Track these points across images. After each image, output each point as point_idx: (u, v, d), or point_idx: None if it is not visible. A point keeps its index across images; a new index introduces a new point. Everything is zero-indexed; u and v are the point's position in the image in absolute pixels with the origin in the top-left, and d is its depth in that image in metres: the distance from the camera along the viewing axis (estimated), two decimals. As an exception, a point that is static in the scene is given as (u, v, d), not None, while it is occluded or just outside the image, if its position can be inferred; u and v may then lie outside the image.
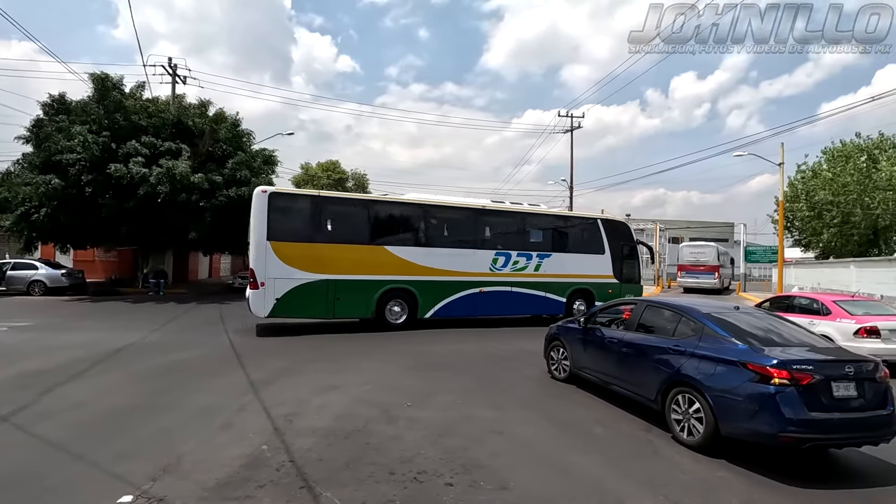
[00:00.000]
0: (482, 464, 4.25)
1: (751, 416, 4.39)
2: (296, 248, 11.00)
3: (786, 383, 4.28)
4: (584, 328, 7.00)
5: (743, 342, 4.84)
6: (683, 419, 4.98)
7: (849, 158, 28.86)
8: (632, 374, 5.89)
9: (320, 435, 4.78)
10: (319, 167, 50.83)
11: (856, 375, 4.46)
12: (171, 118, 19.45)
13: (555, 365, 7.63)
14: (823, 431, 4.28)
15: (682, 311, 5.74)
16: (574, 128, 34.65)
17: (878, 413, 4.44)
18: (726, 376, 4.66)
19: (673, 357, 5.27)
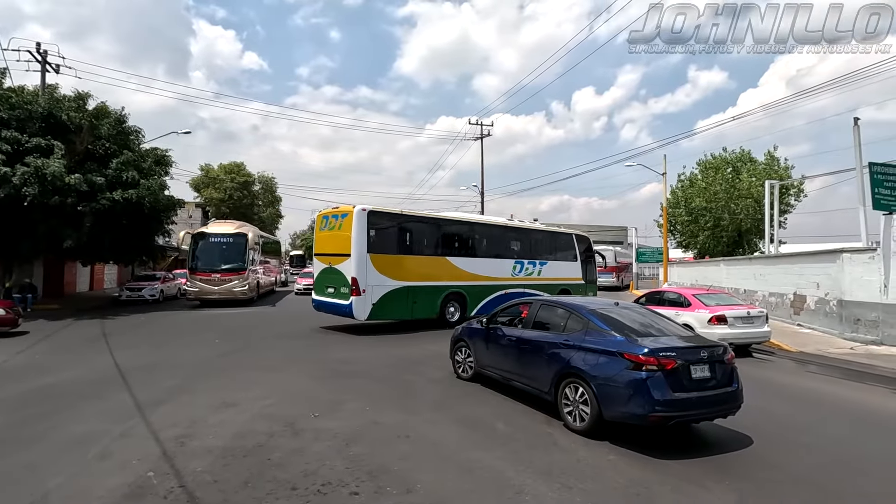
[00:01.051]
0: (389, 469, 4.26)
1: (627, 400, 4.91)
2: (387, 259, 12.69)
3: (654, 369, 4.83)
4: (486, 328, 7.27)
5: (621, 334, 5.36)
6: (573, 407, 5.43)
7: (718, 169, 32.86)
8: (529, 368, 6.26)
9: (216, 455, 4.49)
10: (222, 169, 47.65)
11: (709, 359, 5.15)
12: (39, 111, 17.11)
13: (460, 366, 7.85)
14: (685, 409, 4.88)
15: (570, 308, 6.23)
16: (484, 135, 35.87)
17: (727, 390, 5.17)
18: (608, 366, 5.14)
19: (563, 351, 5.69)
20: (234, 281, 20.14)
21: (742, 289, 19.19)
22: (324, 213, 14.01)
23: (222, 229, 21.69)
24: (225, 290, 19.94)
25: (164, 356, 9.56)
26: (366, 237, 12.11)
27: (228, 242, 20.89)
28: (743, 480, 4.29)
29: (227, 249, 20.67)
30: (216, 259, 20.32)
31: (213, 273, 20.03)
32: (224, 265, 20.21)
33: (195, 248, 20.48)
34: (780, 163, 32.17)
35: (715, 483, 4.20)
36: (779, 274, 16.88)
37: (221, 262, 20.26)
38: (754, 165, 32.33)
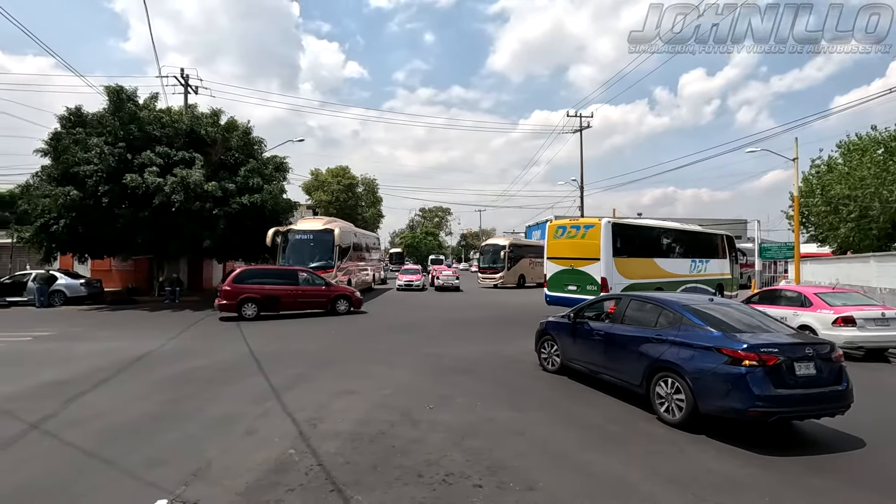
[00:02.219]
0: (507, 465, 4.23)
1: (725, 395, 4.96)
2: (623, 262, 14.61)
3: (755, 364, 4.86)
4: (573, 323, 7.45)
5: (717, 329, 5.42)
6: (666, 400, 5.54)
7: (865, 151, 28.38)
8: (618, 362, 6.43)
9: (345, 439, 4.79)
10: (329, 173, 51.14)
11: (815, 356, 5.09)
12: (184, 128, 19.66)
13: (546, 359, 8.14)
14: (787, 405, 4.86)
15: (662, 303, 6.30)
16: (583, 128, 34.51)
17: (835, 388, 5.08)
18: (703, 360, 5.21)
19: (655, 345, 5.81)
20: None
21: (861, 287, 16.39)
22: (559, 224, 16.47)
23: (309, 225, 21.00)
24: None
25: (287, 345, 10.45)
26: (611, 244, 14.39)
27: (315, 239, 20.15)
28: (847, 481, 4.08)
29: (315, 246, 19.99)
30: (303, 256, 19.64)
31: None
32: (311, 263, 19.28)
33: (284, 246, 19.90)
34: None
35: None
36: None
37: (308, 259, 19.52)
38: (914, 145, 27.42)
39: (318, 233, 20.33)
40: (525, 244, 37.33)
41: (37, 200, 18.20)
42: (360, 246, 24.94)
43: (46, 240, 18.61)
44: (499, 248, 32.25)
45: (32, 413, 5.61)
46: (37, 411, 5.69)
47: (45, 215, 17.96)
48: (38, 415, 5.56)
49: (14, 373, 7.78)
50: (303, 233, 20.38)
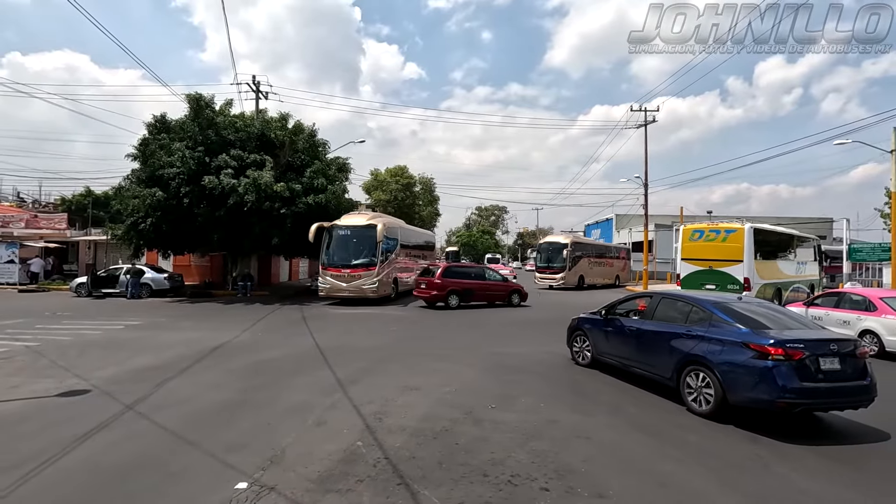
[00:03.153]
0: (574, 469, 4.13)
1: (752, 387, 5.33)
2: (759, 264, 16.61)
3: (781, 359, 5.19)
4: (605, 319, 7.89)
5: (745, 326, 5.76)
6: (696, 392, 5.90)
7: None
8: (650, 356, 6.81)
9: (409, 434, 4.88)
10: (388, 173, 52.25)
11: (839, 352, 5.38)
12: (255, 132, 20.82)
13: (578, 353, 8.59)
14: (812, 397, 5.20)
15: (692, 301, 6.67)
16: (648, 122, 33.03)
17: (859, 383, 5.37)
18: (732, 354, 5.57)
19: (686, 340, 6.19)
20: (364, 277, 18.32)
21: None
22: (696, 228, 18.02)
23: (353, 221, 19.69)
24: (355, 288, 18.31)
25: (351, 340, 10.79)
26: (752, 247, 16.20)
27: (359, 235, 19.00)
28: None
29: (358, 242, 18.93)
30: (346, 253, 18.85)
31: (344, 268, 18.54)
32: (354, 260, 18.59)
33: (328, 241, 19.09)
34: None
35: None
36: None
37: (353, 256, 18.72)
38: None
39: (361, 228, 19.14)
40: (586, 243, 36.09)
41: (127, 201, 19.95)
42: (409, 243, 23.45)
43: (135, 237, 20.33)
44: (559, 247, 29.98)
45: (128, 395, 6.16)
46: (132, 394, 6.23)
47: (134, 214, 19.64)
48: (133, 397, 6.08)
49: (111, 358, 8.56)
50: (346, 228, 19.26)
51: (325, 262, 18.99)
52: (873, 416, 5.63)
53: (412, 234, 25.15)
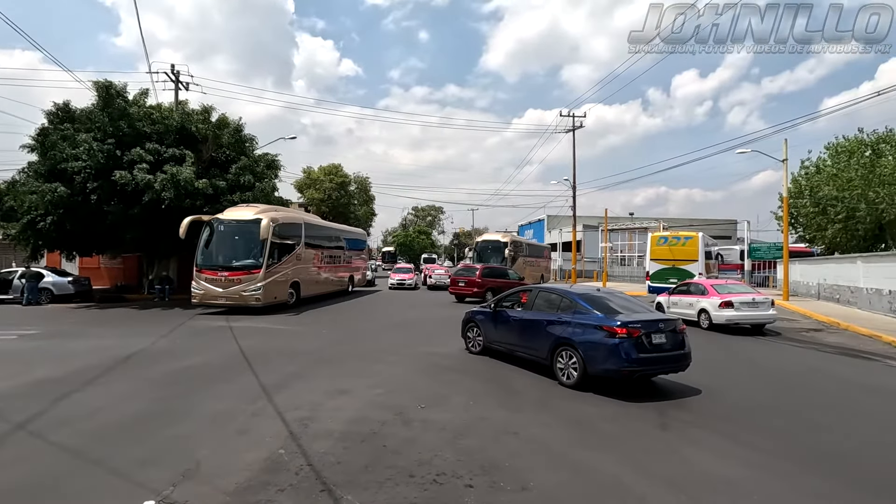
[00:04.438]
0: (500, 465, 4.24)
1: (605, 360, 6.63)
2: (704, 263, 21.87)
3: (625, 336, 6.51)
4: (494, 311, 8.89)
5: (601, 312, 7.04)
6: (565, 368, 7.15)
7: (852, 154, 28.75)
8: (531, 341, 7.93)
9: (336, 438, 4.78)
10: (322, 171, 50.82)
11: (665, 329, 6.89)
12: (174, 124, 19.45)
13: (471, 342, 9.51)
14: (647, 365, 6.67)
15: (562, 293, 7.96)
16: (576, 127, 34.65)
17: (680, 352, 6.96)
18: (591, 335, 6.83)
19: (558, 326, 7.36)
20: (245, 282, 15.33)
21: (886, 289, 16.64)
22: (661, 235, 24.41)
23: (236, 214, 16.56)
24: (233, 294, 15.34)
25: (281, 344, 10.40)
26: (704, 249, 22.52)
27: (241, 231, 15.94)
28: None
29: (241, 240, 15.93)
30: (226, 252, 15.99)
31: (221, 270, 15.57)
32: (234, 261, 15.72)
33: (206, 238, 16.06)
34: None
35: None
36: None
37: (231, 256, 15.88)
38: (901, 147, 27.83)
39: (245, 224, 15.91)
40: (522, 242, 36.88)
41: (23, 197, 17.96)
42: (322, 241, 20.62)
43: (33, 237, 18.38)
44: (499, 245, 29.12)
45: (19, 412, 5.54)
46: (24, 410, 5.60)
47: (31, 212, 17.73)
48: (26, 414, 5.48)
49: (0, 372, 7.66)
50: (227, 223, 16.15)
51: (199, 264, 15.94)
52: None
53: (327, 231, 22.16)
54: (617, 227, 44.39)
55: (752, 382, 8.00)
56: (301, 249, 18.18)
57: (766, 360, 9.85)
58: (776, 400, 6.91)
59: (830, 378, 8.44)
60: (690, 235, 23.50)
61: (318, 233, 20.56)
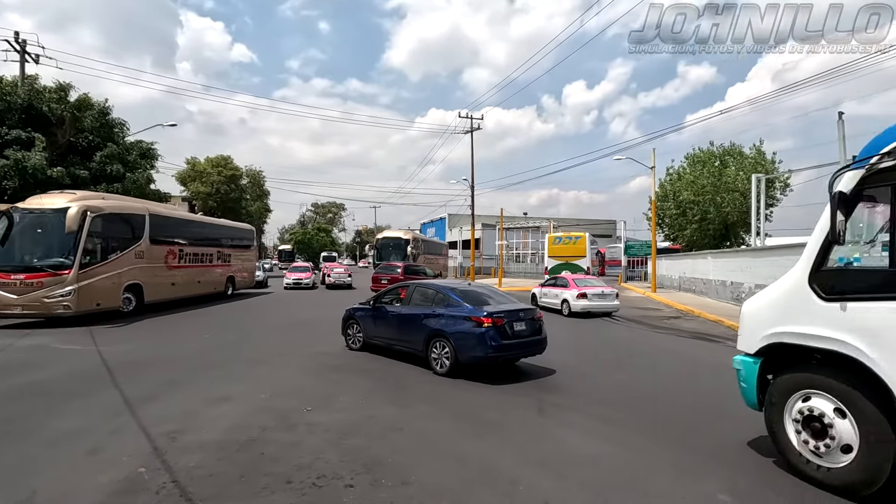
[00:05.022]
0: (383, 461, 4.25)
1: (473, 348, 7.22)
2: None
3: (490, 326, 7.15)
4: (373, 307, 9.15)
5: (470, 304, 7.65)
6: (439, 357, 7.62)
7: (705, 163, 33.19)
8: (408, 334, 8.28)
9: (210, 450, 4.45)
10: (208, 162, 46.92)
11: (525, 317, 7.64)
12: (19, 102, 16.72)
13: (351, 339, 9.61)
14: (509, 350, 7.39)
15: (436, 288, 8.44)
16: (474, 129, 35.78)
17: (537, 338, 7.83)
18: (461, 326, 7.40)
19: (432, 319, 7.83)
20: (49, 286, 12.43)
21: (729, 280, 19.45)
22: (556, 236, 29.09)
23: (41, 202, 13.34)
24: (32, 301, 12.38)
25: (157, 351, 9.42)
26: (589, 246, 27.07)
27: (45, 223, 12.93)
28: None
29: (44, 234, 13.04)
30: (24, 250, 12.99)
31: (16, 273, 12.45)
32: (35, 260, 12.79)
33: (2, 234, 12.86)
34: (767, 157, 32.58)
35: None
36: (765, 266, 17.11)
37: (31, 254, 12.95)
38: (742, 159, 32.72)
39: (49, 215, 12.87)
40: (423, 239, 37.23)
41: None
42: (178, 238, 17.57)
43: None
44: (401, 242, 29.12)
45: None
46: None
47: None
48: None
49: None
50: (29, 214, 13.05)
51: None
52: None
53: (190, 226, 18.96)
54: (513, 226, 46.73)
55: (618, 366, 8.88)
56: (145, 245, 15.44)
57: (630, 344, 11.31)
58: (638, 381, 7.76)
59: (684, 358, 9.69)
60: (580, 235, 27.41)
61: (173, 226, 17.65)
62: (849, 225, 3.82)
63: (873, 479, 3.53)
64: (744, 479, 4.10)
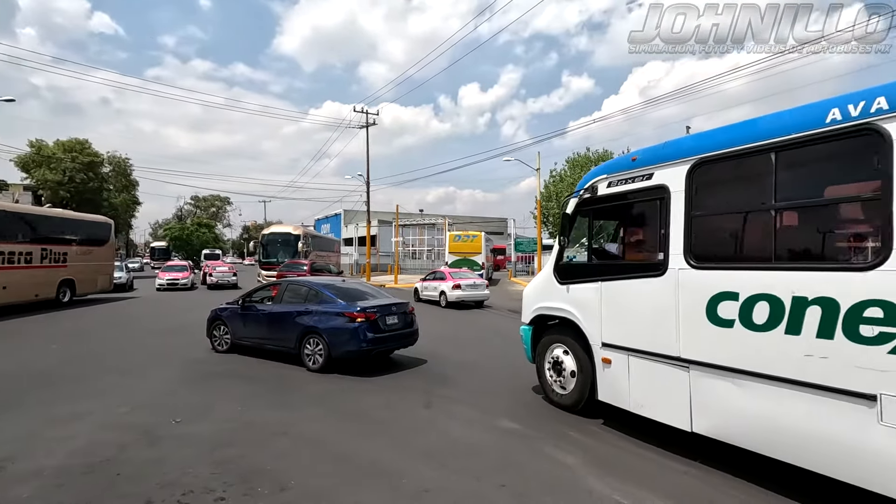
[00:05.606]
0: (262, 469, 4.04)
1: (346, 342, 7.41)
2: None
3: (363, 320, 7.38)
4: (242, 307, 8.85)
5: (343, 300, 7.82)
6: (312, 355, 7.68)
7: (583, 167, 36.32)
8: (280, 333, 8.17)
9: (48, 476, 3.87)
10: (59, 146, 40.68)
11: (397, 311, 8.04)
12: None
13: (217, 341, 9.17)
14: (382, 343, 7.67)
15: (310, 285, 8.54)
16: (369, 124, 35.24)
17: (409, 330, 8.23)
18: (335, 321, 7.53)
19: (306, 316, 7.85)
20: None
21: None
22: (457, 234, 30.37)
23: None
24: None
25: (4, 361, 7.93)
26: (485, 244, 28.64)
27: None
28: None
29: None
30: None
31: None
32: None
33: None
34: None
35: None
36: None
37: None
38: (613, 164, 36.34)
39: None
40: (317, 236, 35.73)
41: None
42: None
43: None
44: (289, 239, 26.96)
45: None
46: None
47: None
48: None
49: None
50: None
51: None
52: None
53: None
54: (409, 222, 46.98)
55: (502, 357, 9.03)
56: None
57: (495, 329, 12.89)
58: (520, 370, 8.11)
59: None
60: (476, 234, 29.66)
61: None
62: (573, 234, 5.73)
63: (581, 398, 5.46)
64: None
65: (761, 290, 3.62)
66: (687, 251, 4.20)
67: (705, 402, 4.05)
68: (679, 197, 4.32)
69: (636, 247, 5.46)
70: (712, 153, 4.13)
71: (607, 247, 5.84)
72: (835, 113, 3.32)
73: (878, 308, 3.00)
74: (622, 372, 4.84)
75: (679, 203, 4.31)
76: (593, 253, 5.58)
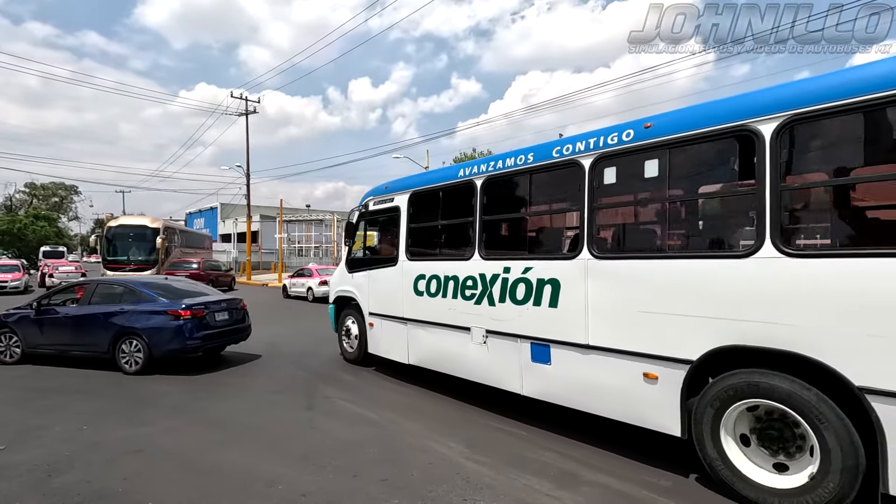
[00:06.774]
0: (112, 492, 3.61)
1: (169, 341, 7.19)
2: None
3: (189, 318, 7.24)
4: (38, 311, 8.03)
5: (166, 298, 7.51)
6: (128, 357, 7.33)
7: (470, 167, 37.86)
8: (88, 337, 7.61)
9: None
10: None
11: (227, 307, 8.03)
12: None
13: (3, 352, 8.14)
14: (210, 340, 7.63)
15: (125, 283, 8.07)
16: (251, 111, 32.92)
17: (241, 325, 8.33)
18: (156, 321, 7.24)
19: (120, 317, 7.39)
20: None
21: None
22: None
23: None
24: None
25: None
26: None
27: None
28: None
29: None
30: None
31: None
32: None
33: None
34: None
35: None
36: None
37: None
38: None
39: None
40: (184, 230, 31.96)
41: None
42: None
43: None
44: (144, 232, 22.43)
45: None
46: None
47: None
48: None
49: None
50: None
51: None
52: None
53: None
54: (295, 218, 44.80)
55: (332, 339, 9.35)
56: None
57: None
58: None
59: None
60: None
61: None
62: (357, 237, 7.73)
63: (360, 354, 7.73)
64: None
65: (432, 272, 6.01)
66: (407, 249, 6.50)
67: (413, 343, 6.44)
68: (405, 214, 6.59)
69: (388, 246, 7.19)
70: (419, 188, 6.45)
71: (375, 246, 8.01)
72: (464, 171, 5.76)
73: (473, 279, 5.47)
74: (378, 331, 7.13)
75: (405, 218, 6.58)
76: (367, 250, 7.96)
